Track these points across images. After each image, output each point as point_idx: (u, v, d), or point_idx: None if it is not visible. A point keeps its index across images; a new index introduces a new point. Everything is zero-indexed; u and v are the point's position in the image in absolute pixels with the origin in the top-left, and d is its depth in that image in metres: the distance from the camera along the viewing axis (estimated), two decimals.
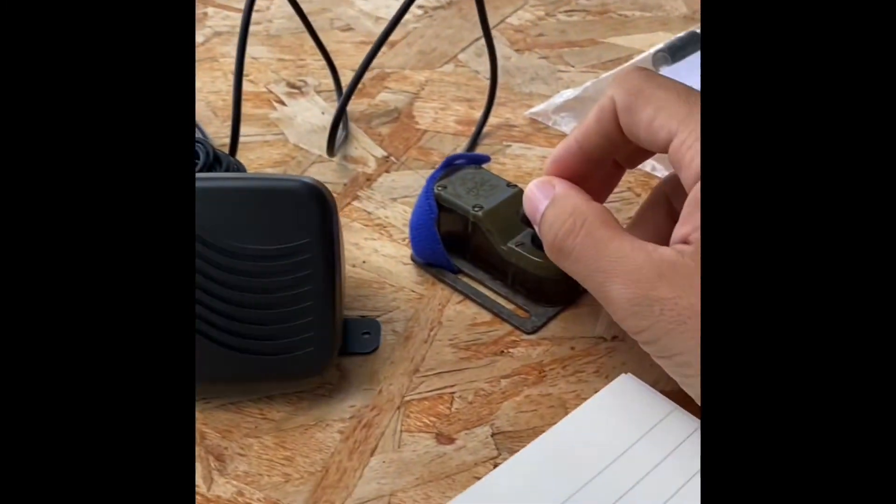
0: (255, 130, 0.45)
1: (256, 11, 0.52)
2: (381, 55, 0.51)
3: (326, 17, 0.55)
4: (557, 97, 0.46)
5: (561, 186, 0.30)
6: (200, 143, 0.37)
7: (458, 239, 0.36)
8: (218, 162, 0.36)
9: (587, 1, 0.57)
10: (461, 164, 0.37)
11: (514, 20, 0.55)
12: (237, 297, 0.28)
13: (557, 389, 0.31)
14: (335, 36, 0.53)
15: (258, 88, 0.48)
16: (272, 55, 0.51)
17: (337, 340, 0.30)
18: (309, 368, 0.30)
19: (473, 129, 0.44)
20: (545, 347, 0.33)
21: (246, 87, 0.47)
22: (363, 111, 0.46)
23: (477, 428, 0.30)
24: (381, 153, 0.43)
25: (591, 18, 0.55)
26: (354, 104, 0.47)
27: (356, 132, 0.45)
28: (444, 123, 0.45)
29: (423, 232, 0.35)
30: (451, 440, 0.29)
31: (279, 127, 0.45)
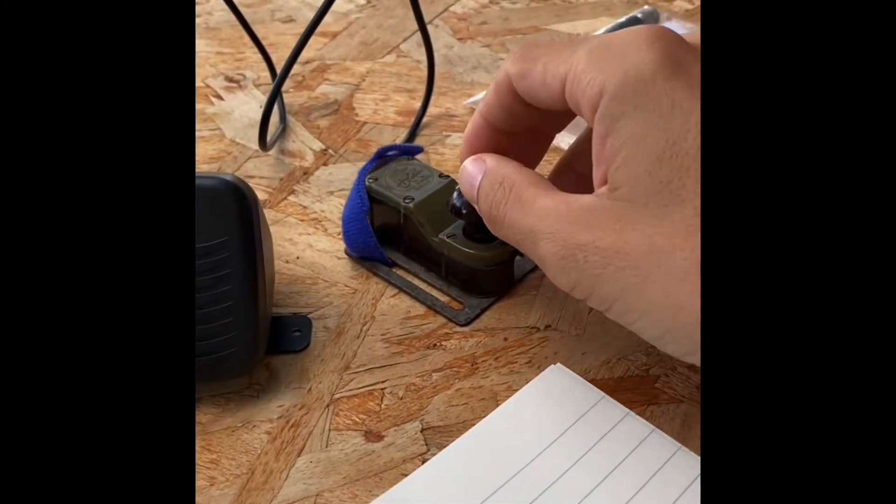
0: None
1: (196, 4, 0.51)
2: (321, 47, 0.51)
3: (267, 8, 0.55)
4: None
5: (492, 159, 0.29)
6: None
7: (391, 232, 0.35)
8: None
9: None
10: (393, 155, 0.36)
11: (457, 8, 0.54)
12: None
13: (489, 382, 0.31)
14: (276, 28, 0.53)
15: (195, 83, 0.47)
16: (210, 48, 0.50)
17: (263, 340, 0.30)
18: (233, 370, 0.29)
19: (413, 119, 0.44)
20: (478, 339, 0.32)
21: None
22: (302, 104, 0.46)
23: (406, 424, 0.29)
24: (319, 146, 0.43)
25: (534, 5, 0.54)
26: (293, 97, 0.46)
27: (294, 125, 0.44)
28: (384, 115, 0.45)
29: (354, 225, 0.35)
30: (379, 437, 0.29)
31: (215, 122, 0.44)
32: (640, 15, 0.49)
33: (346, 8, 0.54)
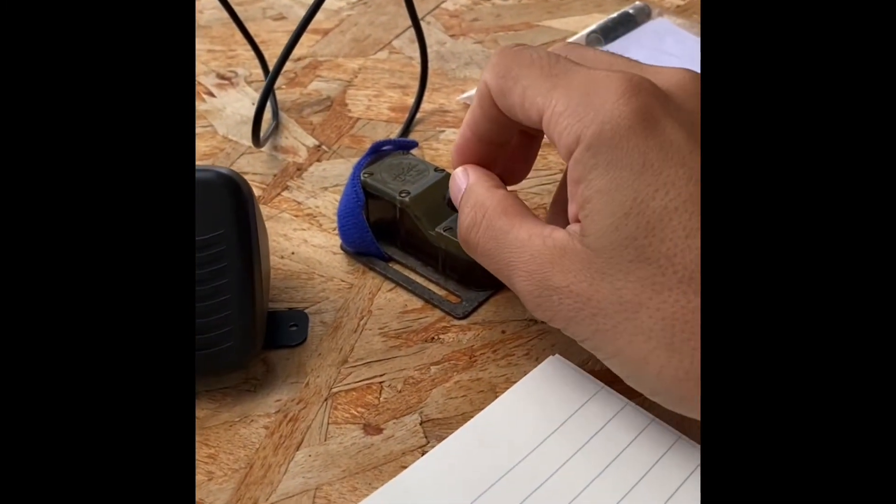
0: None
1: None
2: (313, 44, 0.51)
3: (259, 6, 0.54)
4: None
5: (472, 175, 0.30)
6: None
7: (387, 226, 0.35)
8: None
9: None
10: (388, 150, 0.36)
11: (449, 5, 0.54)
12: None
13: (488, 374, 0.31)
14: (267, 25, 0.52)
15: None
16: (202, 46, 0.50)
17: (259, 334, 0.30)
18: (230, 364, 0.29)
19: (407, 115, 0.44)
20: (476, 332, 0.32)
21: None
22: (295, 100, 0.46)
23: (405, 416, 0.29)
24: (312, 142, 0.42)
25: (526, 2, 0.54)
26: (286, 94, 0.46)
27: (287, 122, 0.44)
28: (377, 111, 0.45)
29: (350, 220, 0.34)
30: (378, 430, 0.29)
31: (207, 119, 0.44)
32: (631, 10, 0.50)
33: (337, 5, 0.54)
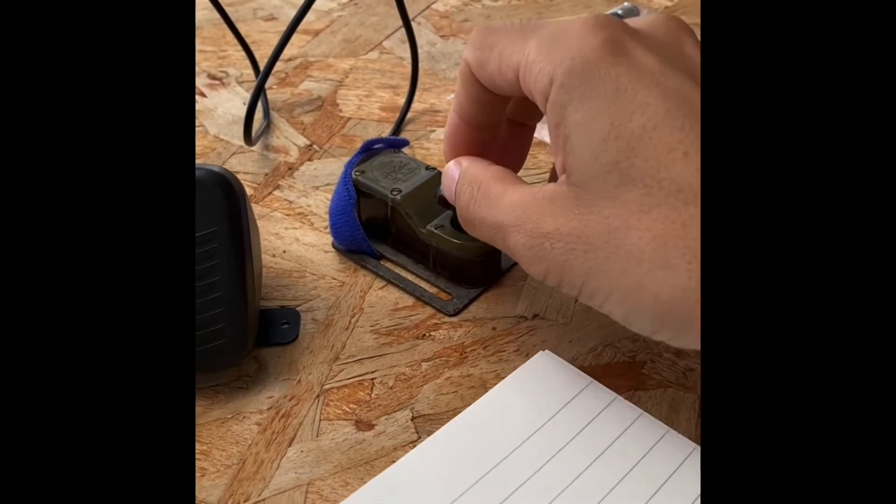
0: None
1: None
2: (304, 44, 0.51)
3: (249, 6, 0.54)
4: None
5: (467, 161, 0.30)
6: None
7: (378, 224, 0.35)
8: None
9: None
10: (379, 148, 0.36)
11: (439, 6, 0.54)
12: None
13: (478, 370, 0.31)
14: (258, 26, 0.53)
15: None
16: None
17: (252, 332, 0.30)
18: (222, 361, 0.29)
19: (398, 115, 0.44)
20: (467, 329, 0.32)
21: None
22: (286, 100, 0.46)
23: (397, 412, 0.29)
24: (303, 142, 0.43)
25: (515, 3, 0.55)
26: (277, 94, 0.46)
27: (278, 121, 0.44)
28: (368, 110, 0.45)
29: (342, 218, 0.35)
30: (370, 426, 0.29)
31: (199, 119, 0.44)
32: (620, 11, 0.50)
33: (328, 6, 0.54)
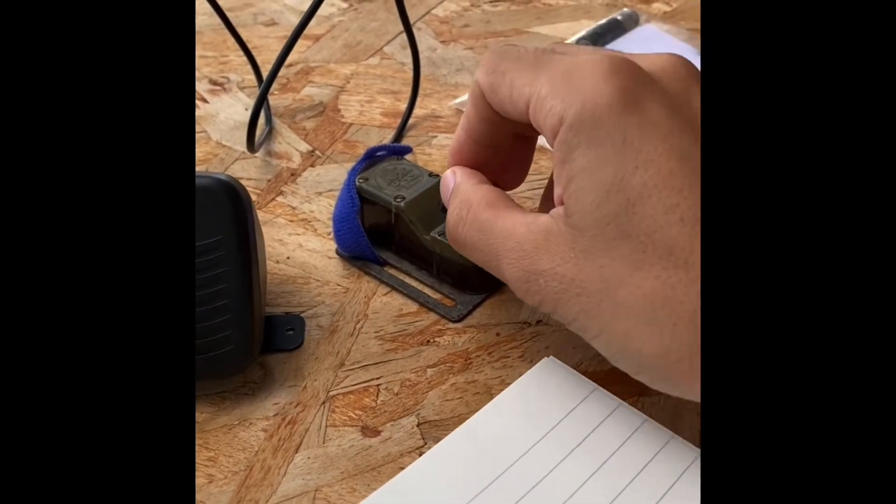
0: None
1: None
2: (305, 50, 0.51)
3: (250, 11, 0.55)
4: None
5: (459, 174, 0.30)
6: None
7: (382, 231, 0.35)
8: None
9: None
10: (382, 155, 0.36)
11: (439, 11, 0.55)
12: None
13: (483, 376, 0.31)
14: (259, 31, 0.53)
15: None
16: None
17: (258, 338, 0.30)
18: (229, 368, 0.29)
19: (399, 120, 0.44)
20: (471, 335, 0.33)
21: None
22: (287, 106, 0.46)
23: (403, 419, 0.29)
24: (305, 148, 0.43)
25: (515, 8, 0.55)
26: (278, 99, 0.46)
27: (280, 127, 0.44)
28: (369, 116, 0.45)
29: (346, 224, 0.35)
30: (376, 432, 0.29)
31: (201, 125, 0.44)
32: (619, 17, 0.50)
33: (328, 11, 0.55)
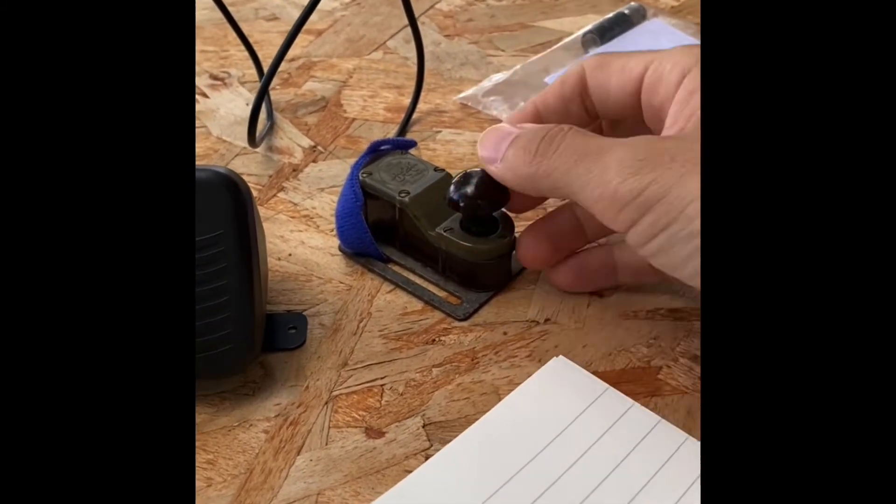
0: None
1: None
2: (307, 44, 0.50)
3: (251, 6, 0.54)
4: (487, 81, 0.45)
5: (528, 125, 0.30)
6: None
7: (386, 227, 0.34)
8: None
9: None
10: (386, 149, 0.36)
11: (443, 6, 0.54)
12: None
13: (490, 376, 0.30)
14: (260, 26, 0.52)
15: None
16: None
17: (258, 337, 0.29)
18: (228, 367, 0.28)
19: (403, 115, 0.43)
20: (477, 334, 0.32)
21: None
22: (289, 101, 0.45)
23: (408, 420, 0.29)
24: (307, 143, 0.42)
25: (520, 2, 0.54)
26: (280, 94, 0.45)
27: (282, 122, 0.43)
28: (372, 111, 0.44)
29: (349, 220, 0.34)
30: (380, 434, 0.28)
31: (201, 120, 0.44)
32: (626, 11, 0.49)
33: (331, 6, 0.54)
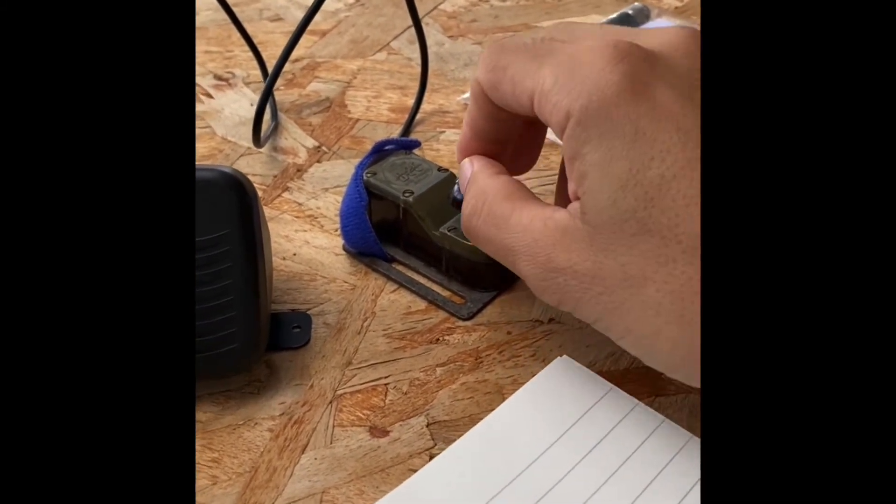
0: None
1: None
2: (311, 45, 0.50)
3: (255, 7, 0.54)
4: None
5: (477, 165, 0.29)
6: None
7: (390, 227, 0.35)
8: None
9: None
10: (391, 149, 0.36)
11: (447, 6, 0.54)
12: None
13: (494, 375, 0.30)
14: (264, 26, 0.52)
15: None
16: (199, 47, 0.50)
17: (264, 336, 0.29)
18: (234, 366, 0.28)
19: (407, 116, 0.43)
20: (481, 333, 0.32)
21: None
22: (293, 101, 0.45)
23: (412, 419, 0.29)
24: (312, 143, 0.42)
25: (524, 3, 0.54)
26: (285, 95, 0.46)
27: (286, 123, 0.43)
28: (377, 112, 0.44)
29: (353, 220, 0.34)
30: (385, 433, 0.28)
31: (206, 120, 0.44)
32: (630, 11, 0.49)
33: (335, 7, 0.54)
